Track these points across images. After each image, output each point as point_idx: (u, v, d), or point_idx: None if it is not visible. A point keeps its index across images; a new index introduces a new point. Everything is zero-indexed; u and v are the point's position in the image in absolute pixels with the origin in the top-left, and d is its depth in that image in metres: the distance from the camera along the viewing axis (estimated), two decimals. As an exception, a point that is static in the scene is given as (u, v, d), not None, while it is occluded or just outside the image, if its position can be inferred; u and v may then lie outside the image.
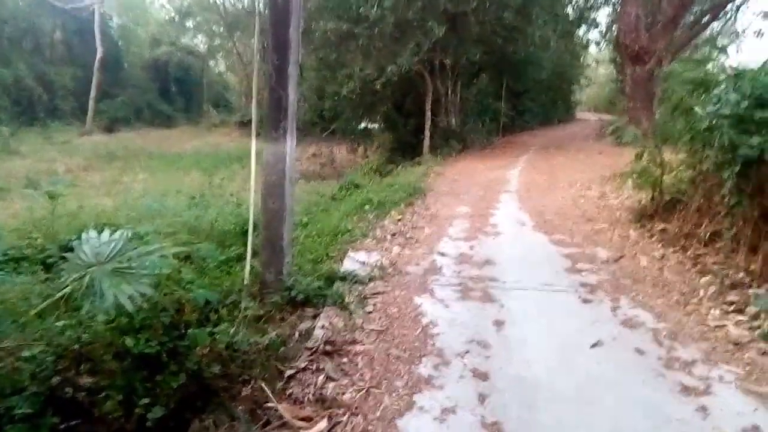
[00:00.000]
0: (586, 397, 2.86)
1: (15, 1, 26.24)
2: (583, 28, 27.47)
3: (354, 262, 5.14)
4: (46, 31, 30.51)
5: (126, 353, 2.52)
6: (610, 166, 11.26)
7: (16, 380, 2.44)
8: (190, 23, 40.05)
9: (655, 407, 2.77)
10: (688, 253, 5.33)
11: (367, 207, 7.61)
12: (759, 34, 25.57)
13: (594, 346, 3.45)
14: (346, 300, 4.07)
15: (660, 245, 5.74)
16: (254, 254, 4.10)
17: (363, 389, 2.89)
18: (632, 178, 7.04)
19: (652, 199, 6.71)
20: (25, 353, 2.59)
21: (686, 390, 2.93)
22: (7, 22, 26.88)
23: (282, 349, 3.22)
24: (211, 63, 44.48)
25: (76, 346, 2.60)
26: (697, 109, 5.14)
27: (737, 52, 27.26)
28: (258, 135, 4.13)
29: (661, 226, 6.20)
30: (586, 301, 4.28)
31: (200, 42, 43.05)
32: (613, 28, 25.49)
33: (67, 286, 2.60)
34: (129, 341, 2.52)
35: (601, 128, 23.12)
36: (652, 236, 6.08)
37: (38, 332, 2.75)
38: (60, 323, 2.69)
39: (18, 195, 8.65)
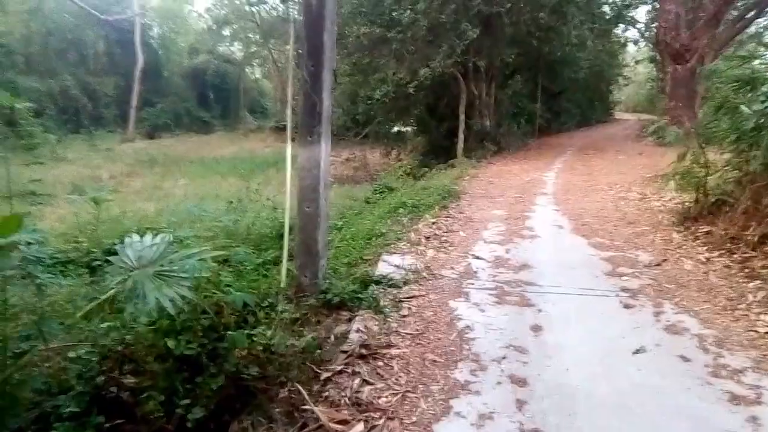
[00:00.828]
0: (628, 406, 2.77)
1: (60, 15, 27.36)
2: (621, 26, 26.92)
3: (388, 265, 5.14)
4: (90, 43, 31.74)
5: (167, 355, 2.59)
6: (651, 168, 10.99)
7: (63, 380, 2.53)
8: (226, 32, 41.08)
9: (702, 417, 2.67)
10: (735, 256, 5.13)
11: (400, 210, 7.60)
12: (809, 28, 24.49)
13: (636, 352, 3.35)
14: (381, 303, 4.07)
15: (705, 249, 5.54)
16: (290, 257, 4.15)
17: (399, 393, 2.88)
18: (675, 179, 6.84)
19: (696, 201, 6.49)
20: (72, 354, 2.69)
21: (735, 399, 2.81)
22: (53, 35, 28.11)
23: (318, 351, 3.24)
24: (247, 70, 45.40)
25: (120, 348, 2.68)
26: (743, 107, 4.96)
27: (785, 47, 26.15)
28: (293, 140, 4.18)
29: (706, 228, 5.99)
30: (627, 306, 4.16)
31: (237, 49, 44.09)
32: (653, 26, 24.87)
33: (111, 288, 2.68)
34: (170, 343, 2.58)
35: (640, 128, 22.58)
36: (696, 239, 5.87)
37: (84, 334, 2.85)
38: (104, 325, 2.78)
39: (64, 200, 8.97)
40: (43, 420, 2.33)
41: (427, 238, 6.29)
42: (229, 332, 2.82)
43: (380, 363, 3.21)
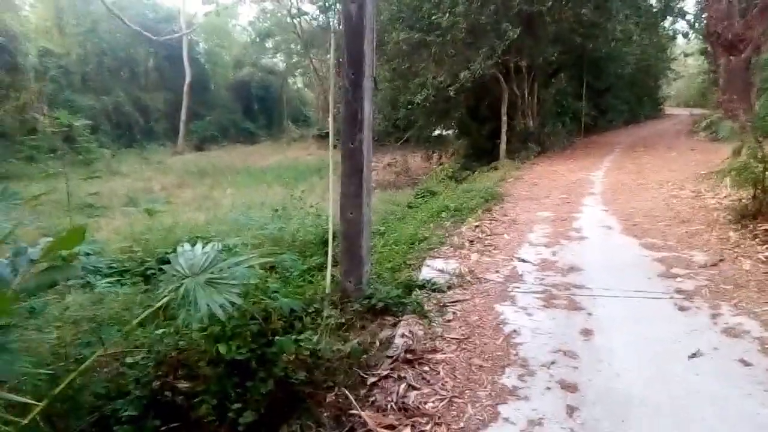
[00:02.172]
0: (685, 412, 2.66)
1: (113, 35, 28.73)
2: (669, 19, 25.93)
3: (432, 270, 5.12)
4: (140, 60, 33.22)
5: (219, 360, 2.66)
6: (705, 164, 10.56)
7: (122, 384, 2.65)
8: (269, 44, 42.04)
9: (764, 425, 2.54)
10: (799, 255, 4.86)
11: (443, 214, 7.57)
12: None
13: (692, 356, 3.22)
14: (425, 308, 4.06)
15: (765, 247, 5.27)
16: (334, 263, 4.20)
17: (445, 399, 2.86)
18: (731, 175, 6.55)
19: (754, 197, 6.18)
20: (129, 359, 2.81)
21: (803, 407, 2.66)
22: (107, 54, 29.54)
23: (364, 356, 3.27)
24: (290, 80, 46.31)
25: (174, 353, 2.78)
26: (804, 97, 4.70)
27: None
28: (335, 147, 4.24)
29: (766, 226, 5.70)
30: (682, 308, 4.00)
31: (279, 61, 45.03)
32: (703, 17, 23.88)
33: (165, 296, 2.79)
34: (222, 348, 2.66)
35: (693, 123, 21.71)
36: (755, 237, 5.59)
37: (140, 340, 2.98)
38: (159, 331, 2.89)
39: (119, 212, 9.38)
40: (103, 423, 2.44)
41: (471, 241, 6.24)
42: (277, 337, 2.88)
43: (426, 368, 3.20)
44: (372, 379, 3.04)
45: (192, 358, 2.75)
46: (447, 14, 13.54)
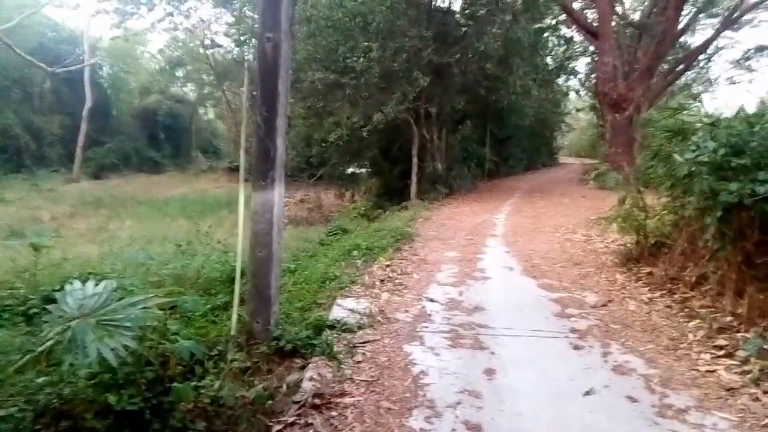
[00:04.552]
0: (581, 449, 2.80)
1: (7, 53, 26.54)
2: (563, 77, 28.59)
3: (342, 309, 5.09)
4: (36, 81, 30.81)
5: (108, 410, 2.45)
6: (595, 210, 11.45)
7: (-9, 441, 2.35)
8: (179, 73, 40.82)
9: (651, 458, 2.72)
10: (675, 296, 5.36)
11: (355, 252, 7.58)
12: (731, 81, 26.71)
13: (587, 394, 3.41)
14: (335, 349, 4.01)
15: (647, 289, 5.77)
16: (241, 302, 4.04)
17: (353, 444, 2.81)
18: (617, 222, 7.14)
19: (637, 242, 6.78)
20: (1, 412, 2.50)
21: (681, 439, 2.89)
22: (-3, 73, 27.16)
23: (269, 402, 3.14)
24: (201, 110, 45.06)
25: (57, 403, 2.52)
26: (676, 156, 5.28)
27: (711, 99, 28.34)
28: (246, 180, 4.14)
29: (647, 269, 6.26)
30: (576, 347, 4.25)
31: (190, 90, 43.77)
32: (592, 77, 26.51)
33: (49, 339, 2.54)
34: (111, 398, 2.45)
35: (584, 173, 23.65)
36: (638, 280, 6.12)
37: (17, 389, 2.67)
38: (40, 379, 2.61)
39: (0, 245, 8.51)
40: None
41: (382, 280, 6.29)
42: (175, 384, 2.70)
43: (334, 413, 3.14)
44: (277, 427, 2.92)
45: (77, 408, 2.50)
46: (362, 58, 13.95)
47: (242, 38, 24.62)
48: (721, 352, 4.02)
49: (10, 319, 3.95)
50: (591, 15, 23.19)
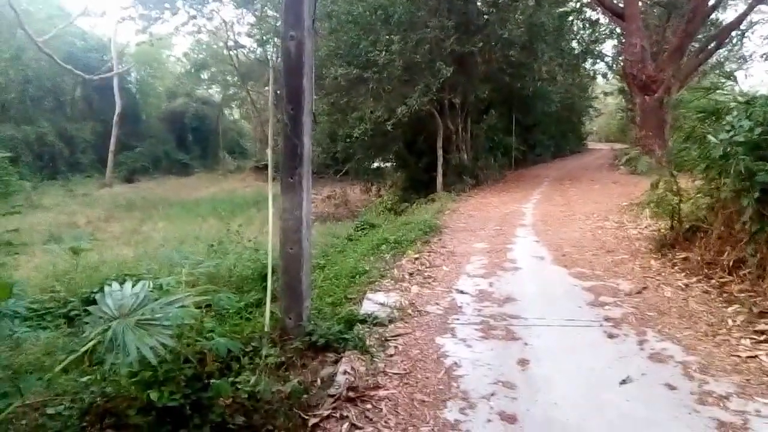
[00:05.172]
0: (619, 438, 2.76)
1: (38, 62, 27.37)
2: (590, 60, 27.98)
3: (373, 303, 5.11)
4: (67, 90, 31.80)
5: (150, 407, 2.52)
6: (626, 196, 11.23)
7: (42, 437, 2.45)
8: (204, 75, 41.48)
9: (692, 446, 2.67)
10: (713, 281, 5.23)
11: (383, 247, 7.60)
12: (767, 57, 25.72)
13: (623, 382, 3.36)
14: (367, 343, 4.03)
15: (683, 275, 5.63)
16: (273, 299, 4.10)
17: (388, 436, 2.83)
18: (650, 207, 6.99)
19: (672, 227, 6.63)
20: (50, 410, 2.60)
21: (723, 426, 2.82)
22: (31, 83, 28.04)
23: (305, 396, 3.18)
24: (226, 111, 45.71)
25: (101, 401, 2.61)
26: (710, 137, 5.14)
27: (746, 77, 27.39)
28: (274, 179, 4.19)
29: (683, 255, 6.11)
30: (611, 335, 4.19)
31: (215, 92, 44.44)
32: (620, 59, 25.87)
33: (90, 340, 2.62)
34: (153, 395, 2.52)
35: (613, 158, 23.17)
36: (674, 266, 5.98)
37: (63, 388, 2.77)
38: (84, 378, 2.70)
39: (41, 249, 8.82)
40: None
41: (411, 274, 6.29)
42: (213, 380, 2.76)
43: (368, 405, 3.16)
44: (313, 420, 2.96)
45: (120, 406, 2.58)
46: (384, 52, 13.92)
47: (264, 38, 24.82)
48: (762, 337, 3.91)
49: (52, 321, 4.09)
50: (616, -4, 22.60)
